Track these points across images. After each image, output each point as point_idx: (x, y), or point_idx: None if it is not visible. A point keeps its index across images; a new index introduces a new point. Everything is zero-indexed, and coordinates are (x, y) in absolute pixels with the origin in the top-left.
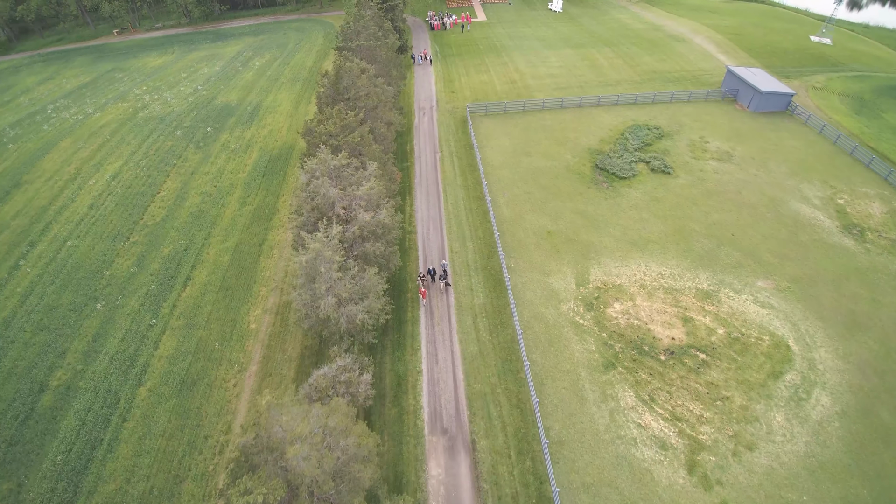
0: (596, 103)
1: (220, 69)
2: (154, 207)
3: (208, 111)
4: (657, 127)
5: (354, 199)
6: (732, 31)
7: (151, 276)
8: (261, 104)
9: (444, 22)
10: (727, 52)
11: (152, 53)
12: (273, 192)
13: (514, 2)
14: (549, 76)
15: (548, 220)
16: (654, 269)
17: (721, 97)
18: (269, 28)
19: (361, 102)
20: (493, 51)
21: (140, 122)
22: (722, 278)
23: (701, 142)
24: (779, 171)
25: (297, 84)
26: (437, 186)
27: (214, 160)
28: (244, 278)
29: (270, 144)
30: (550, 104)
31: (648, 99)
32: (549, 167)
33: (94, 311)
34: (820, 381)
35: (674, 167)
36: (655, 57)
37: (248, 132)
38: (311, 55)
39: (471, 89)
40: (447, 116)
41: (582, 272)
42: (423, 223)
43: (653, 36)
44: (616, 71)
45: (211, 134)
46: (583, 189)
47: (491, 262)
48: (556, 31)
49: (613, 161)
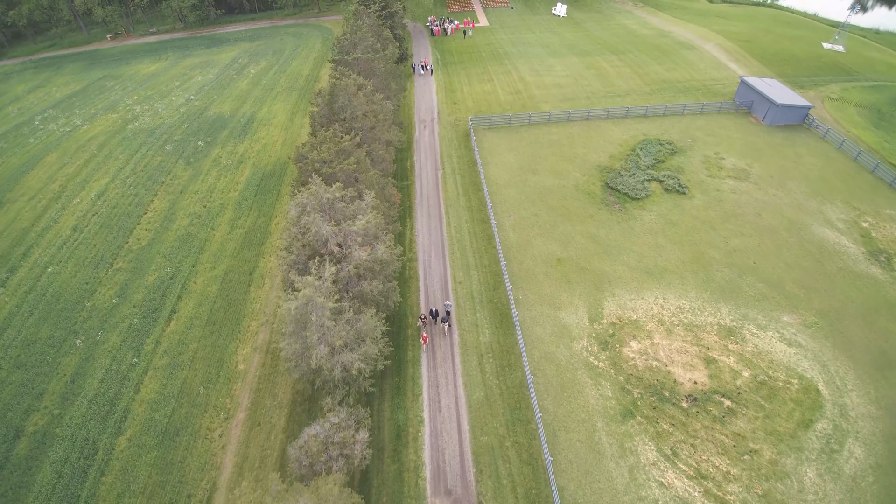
0: (604, 116)
1: (213, 77)
2: (140, 230)
3: (200, 123)
4: (669, 142)
5: (349, 235)
6: (742, 38)
7: (134, 307)
8: (255, 116)
9: (445, 27)
10: (738, 61)
11: (145, 60)
12: (266, 213)
13: (517, 6)
14: (554, 86)
15: (557, 246)
16: (673, 301)
17: (735, 109)
18: (266, 33)
19: (358, 123)
20: (495, 58)
21: (129, 136)
22: (745, 313)
23: (716, 158)
24: (799, 191)
25: (293, 94)
26: (438, 207)
27: (205, 177)
28: (233, 311)
29: (264, 160)
30: (557, 117)
31: (659, 111)
32: (557, 186)
33: (74, 347)
34: (852, 430)
35: (689, 186)
36: (664, 65)
37: (241, 146)
38: (308, 62)
39: (473, 100)
40: (449, 129)
41: (595, 305)
42: (425, 249)
43: (661, 43)
44: (624, 80)
45: (202, 149)
46: (593, 211)
47: (497, 294)
48: (561, 37)
49: (625, 180)
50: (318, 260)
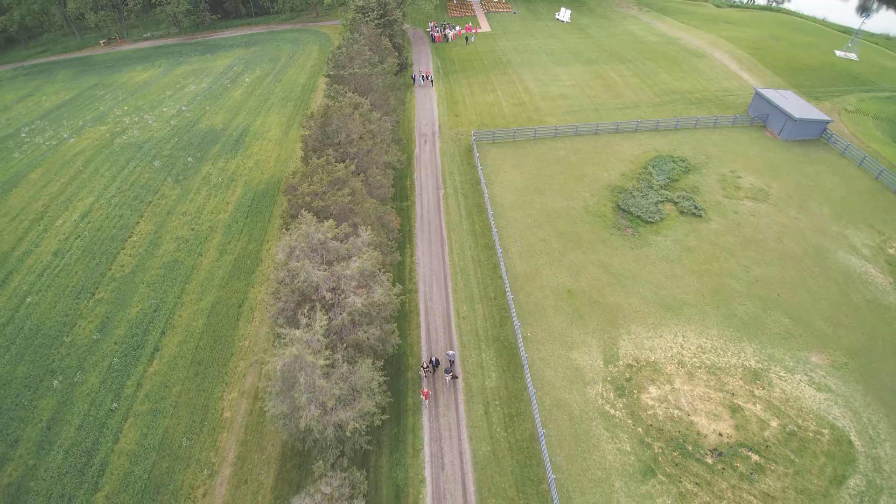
0: (614, 130)
1: (207, 86)
2: (124, 255)
3: (191, 137)
4: (683, 159)
5: (343, 279)
6: (753, 46)
7: (115, 344)
8: (248, 129)
9: (446, 33)
10: (750, 70)
11: (137, 67)
12: (257, 238)
13: (520, 11)
14: (560, 97)
15: (567, 276)
16: (693, 340)
17: (749, 123)
18: (262, 39)
19: (354, 147)
20: (499, 66)
21: (116, 151)
22: (771, 352)
23: (732, 177)
24: (821, 214)
25: (289, 105)
26: (440, 232)
27: (194, 197)
28: (219, 349)
29: (256, 178)
30: (564, 131)
31: (671, 125)
32: (565, 208)
33: (51, 388)
34: (887, 487)
35: (705, 209)
36: (674, 75)
37: (233, 163)
38: (305, 70)
39: (476, 112)
40: (451, 144)
41: (610, 344)
42: (426, 279)
43: (669, 50)
44: (633, 91)
45: (192, 165)
46: (605, 236)
47: (504, 331)
48: (566, 44)
49: (637, 201)
50: (309, 307)
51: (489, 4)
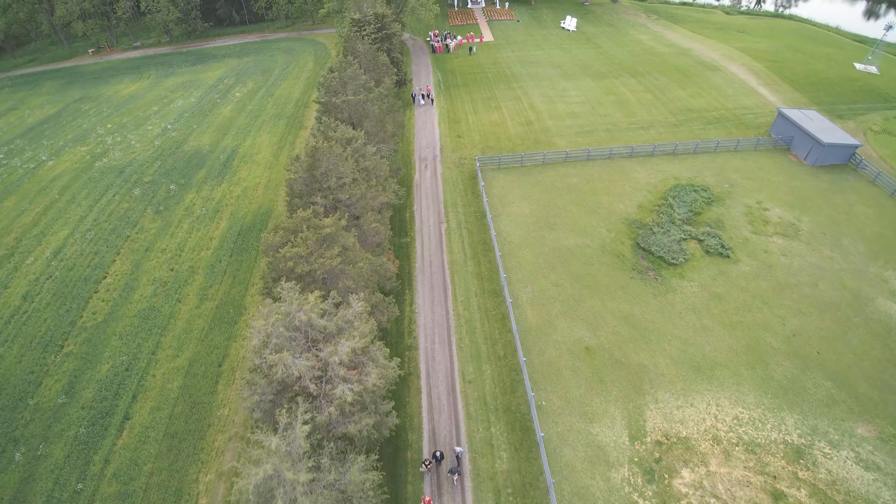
0: (628, 154)
1: (195, 101)
2: (97, 300)
3: (175, 160)
4: (705, 188)
5: (331, 366)
6: (770, 58)
7: (83, 409)
8: (237, 151)
9: (448, 44)
10: (768, 85)
11: (126, 78)
12: (241, 281)
13: (523, 19)
14: (569, 115)
15: (584, 330)
16: (728, 410)
17: (773, 146)
18: (255, 48)
19: (346, 193)
20: (503, 80)
21: (96, 176)
22: (814, 424)
23: (759, 209)
24: (856, 252)
25: (280, 123)
26: (442, 274)
27: (175, 231)
28: (196, 419)
29: (243, 208)
30: (575, 155)
31: (689, 148)
32: (580, 247)
33: (13, 462)
34: None
35: (733, 247)
36: (689, 90)
37: (219, 190)
38: (299, 83)
39: (480, 132)
40: (453, 170)
41: (635, 416)
42: (427, 332)
43: (682, 63)
44: (646, 109)
45: (174, 193)
46: (624, 280)
47: (515, 399)
48: (572, 55)
49: (658, 238)
50: (290, 399)
51: (491, 12)
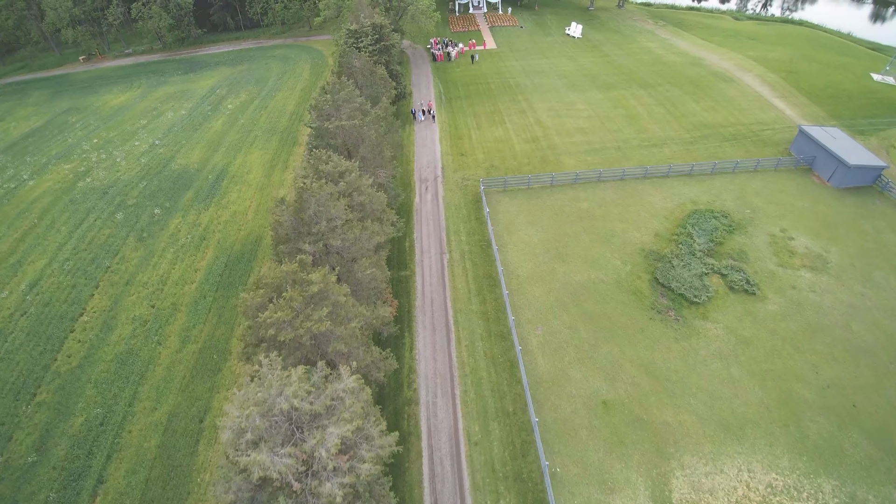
0: (642, 175)
1: (186, 113)
2: (72, 341)
3: (161, 181)
4: (725, 214)
5: (317, 458)
6: (784, 68)
7: (54, 469)
8: (226, 170)
9: (449, 51)
10: (785, 98)
11: (115, 88)
12: (227, 320)
13: (527, 25)
14: (578, 131)
15: (601, 381)
16: (761, 476)
17: (794, 165)
18: (250, 56)
19: (337, 238)
20: (507, 91)
21: (78, 198)
22: (853, 491)
23: (784, 238)
24: (889, 288)
25: (274, 139)
26: (445, 313)
27: (158, 261)
28: (175, 485)
29: (231, 236)
30: (585, 177)
31: (706, 169)
32: (593, 282)
33: None
34: None
35: (758, 283)
36: (702, 104)
37: (206, 215)
38: (294, 95)
39: (484, 150)
40: (456, 192)
41: (660, 484)
42: (428, 384)
43: (693, 74)
44: (658, 124)
45: (159, 218)
46: (643, 321)
47: (527, 465)
48: (579, 64)
49: (678, 272)
50: (270, 496)
51: (494, 18)
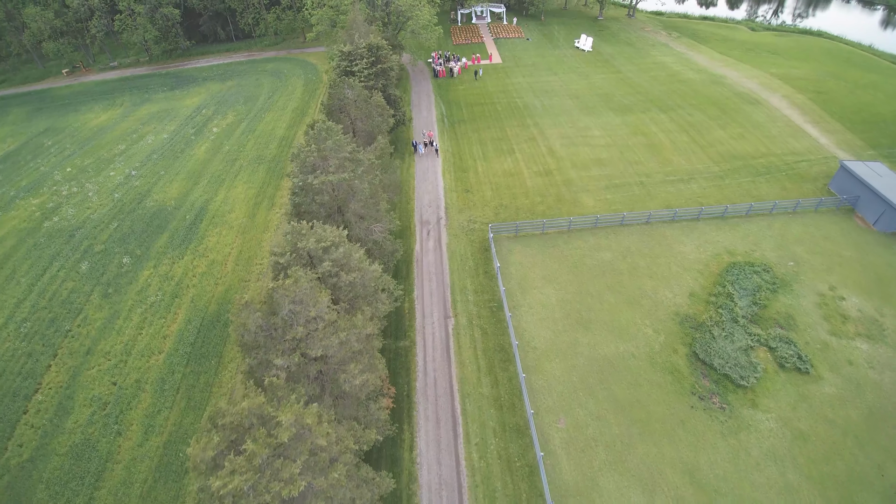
0: (670, 218)
1: (167, 137)
2: (24, 427)
3: (134, 221)
4: (766, 267)
5: None
6: (812, 88)
7: None
8: (206, 208)
9: (451, 67)
10: (816, 123)
11: (97, 105)
12: (196, 405)
13: (533, 37)
14: (595, 163)
15: (638, 492)
16: None
17: (836, 206)
18: (241, 70)
19: (317, 348)
20: (514, 113)
21: (42, 242)
22: None
23: (833, 298)
24: None
25: (260, 169)
26: (451, 399)
27: (123, 324)
28: None
29: (207, 292)
30: (606, 221)
31: (741, 211)
32: (622, 357)
33: None
34: None
35: (811, 358)
36: (729, 130)
37: (180, 265)
38: (285, 116)
39: (492, 185)
40: (462, 239)
41: None
42: (432, 497)
43: (716, 94)
44: (683, 155)
45: (128, 269)
46: (684, 411)
47: None
48: (591, 81)
49: (720, 346)
50: None
51: (498, 29)
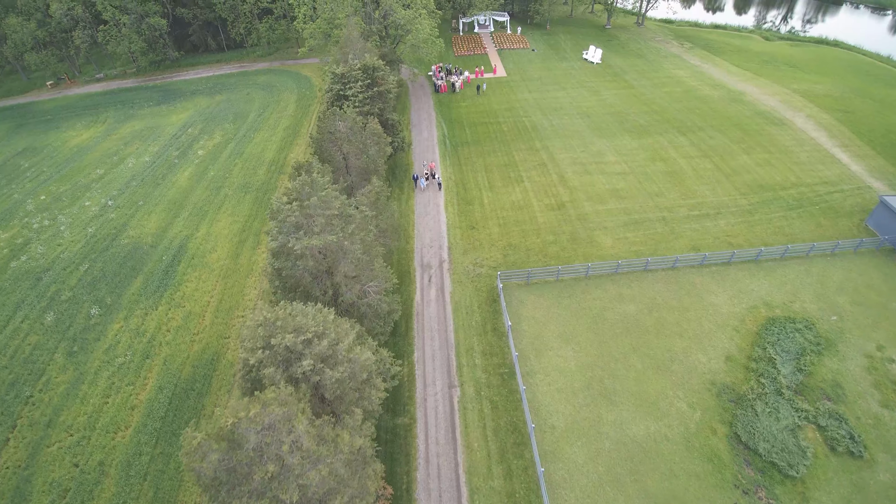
0: (698, 263)
1: (149, 161)
2: None
3: (106, 261)
4: (809, 323)
5: None
6: (836, 106)
7: None
8: (186, 245)
9: (453, 81)
10: (846, 147)
11: (79, 122)
12: (166, 495)
13: (539, 48)
14: (611, 194)
15: None
16: None
17: (876, 247)
18: (231, 83)
19: (291, 486)
20: (522, 135)
21: (7, 286)
22: None
23: (882, 361)
24: None
25: (247, 199)
26: (457, 495)
27: (88, 390)
28: None
29: (182, 352)
30: (628, 266)
31: (775, 254)
32: (654, 438)
33: None
34: None
35: (863, 436)
36: (755, 156)
37: (153, 317)
38: (276, 137)
39: (499, 221)
40: (467, 287)
41: None
42: None
43: (736, 113)
44: (708, 185)
45: (96, 322)
46: None
47: None
48: (602, 98)
49: (763, 424)
50: None
51: (502, 39)
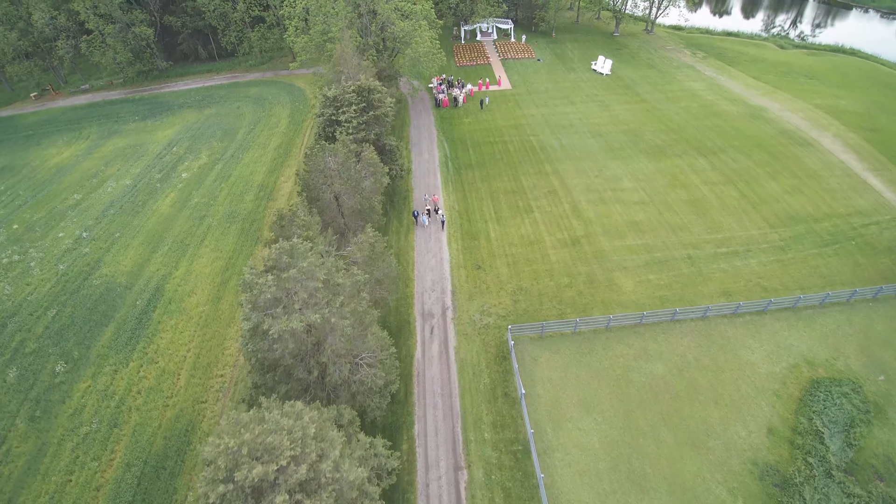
0: (731, 312)
1: (130, 184)
2: None
3: (76, 305)
4: (855, 385)
5: None
6: (863, 124)
7: None
8: (163, 287)
9: (455, 95)
10: (877, 171)
11: (61, 139)
12: None
13: (545, 57)
14: (630, 227)
15: None
16: None
17: None
18: (221, 95)
19: None
20: (529, 156)
21: None
22: None
23: None
24: None
25: (232, 230)
26: None
27: (49, 465)
28: None
29: (153, 420)
30: (654, 317)
31: (813, 301)
32: None
33: None
34: None
35: None
36: (783, 182)
37: (124, 375)
38: (266, 157)
39: (507, 259)
40: (474, 341)
41: None
42: None
43: (759, 132)
44: (734, 216)
45: (62, 379)
46: None
47: None
48: (613, 114)
49: None
50: None
51: (506, 48)
